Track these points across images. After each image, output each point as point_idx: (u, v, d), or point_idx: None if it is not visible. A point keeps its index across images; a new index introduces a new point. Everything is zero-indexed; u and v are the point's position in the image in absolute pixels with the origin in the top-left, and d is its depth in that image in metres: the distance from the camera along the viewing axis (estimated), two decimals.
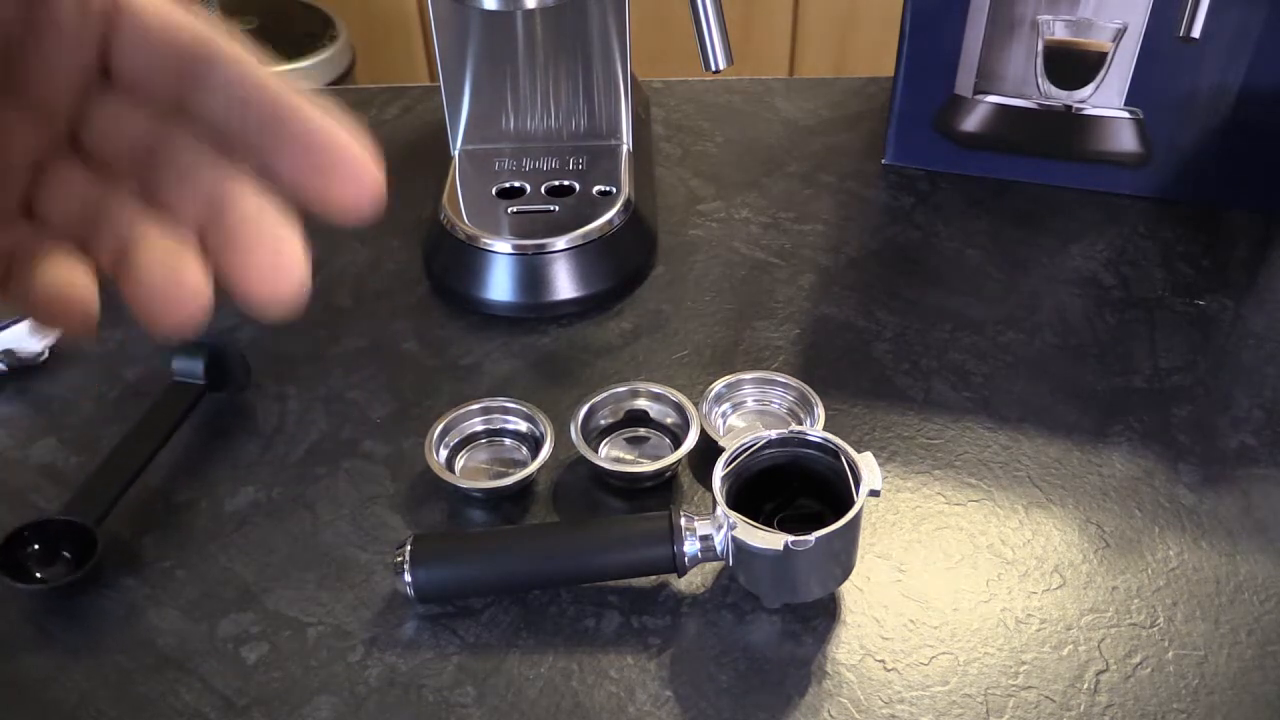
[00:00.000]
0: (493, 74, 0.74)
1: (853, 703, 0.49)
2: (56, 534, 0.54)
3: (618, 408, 0.61)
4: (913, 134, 0.80)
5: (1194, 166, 0.76)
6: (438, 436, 0.59)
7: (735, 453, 0.52)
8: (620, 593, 0.54)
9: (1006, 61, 0.76)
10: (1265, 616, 0.53)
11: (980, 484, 0.59)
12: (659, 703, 0.49)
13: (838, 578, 0.52)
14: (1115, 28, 0.72)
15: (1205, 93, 0.73)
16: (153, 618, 0.53)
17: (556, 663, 0.51)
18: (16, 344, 0.64)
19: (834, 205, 0.79)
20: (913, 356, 0.67)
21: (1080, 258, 0.74)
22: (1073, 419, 0.62)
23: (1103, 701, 0.49)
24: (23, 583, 0.53)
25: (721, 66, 0.66)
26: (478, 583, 0.53)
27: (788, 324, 0.69)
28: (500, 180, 0.74)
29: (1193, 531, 0.56)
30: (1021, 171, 0.80)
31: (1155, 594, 0.54)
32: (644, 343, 0.68)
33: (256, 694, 0.50)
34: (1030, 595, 0.54)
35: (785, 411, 0.62)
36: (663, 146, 0.85)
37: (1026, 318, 0.69)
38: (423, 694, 0.50)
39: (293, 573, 0.55)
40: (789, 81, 0.93)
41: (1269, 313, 0.69)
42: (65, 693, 0.50)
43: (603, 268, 0.70)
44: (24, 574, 0.54)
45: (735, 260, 0.74)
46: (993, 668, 0.51)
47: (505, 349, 0.67)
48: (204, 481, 0.60)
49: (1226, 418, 0.62)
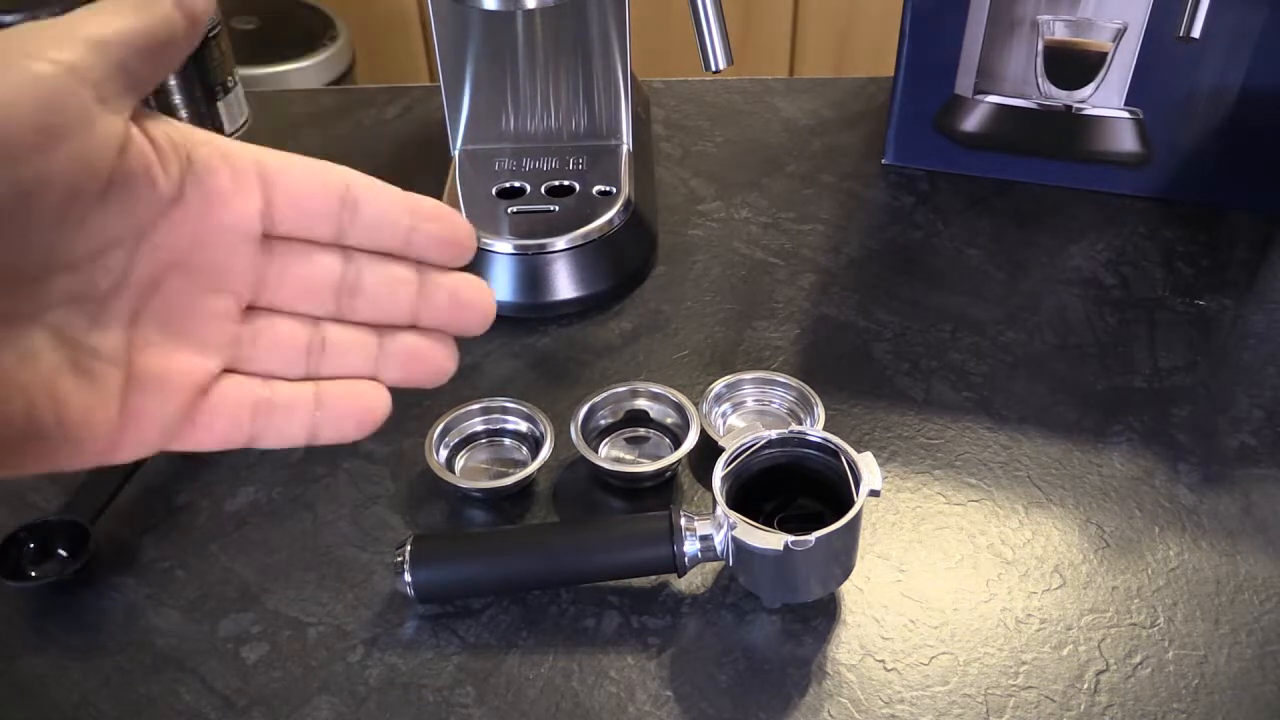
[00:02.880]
0: (493, 74, 0.74)
1: (853, 703, 0.49)
2: (53, 534, 0.55)
3: (618, 408, 0.61)
4: (913, 134, 0.80)
5: (1194, 166, 0.76)
6: (438, 436, 0.59)
7: (735, 453, 0.52)
8: (620, 593, 0.54)
9: (1006, 61, 0.76)
10: (1265, 616, 0.53)
11: (980, 484, 0.59)
12: (659, 703, 0.49)
13: (838, 578, 0.52)
14: (1115, 28, 0.72)
15: (1205, 93, 0.73)
16: (153, 618, 0.53)
17: (556, 663, 0.51)
18: None
19: (834, 205, 0.79)
20: (913, 356, 0.67)
21: (1080, 258, 0.74)
22: (1073, 419, 0.62)
23: (1103, 701, 0.49)
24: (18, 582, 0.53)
25: (721, 66, 0.66)
26: (478, 583, 0.53)
27: (788, 324, 0.69)
28: (500, 180, 0.74)
29: (1193, 531, 0.56)
30: (1021, 171, 0.80)
31: (1155, 594, 0.54)
32: (644, 343, 0.68)
33: (256, 694, 0.50)
34: (1030, 595, 0.54)
35: (785, 411, 0.62)
36: (663, 146, 0.85)
37: (1026, 318, 0.69)
38: (423, 694, 0.50)
39: (293, 573, 0.55)
40: (789, 81, 0.93)
41: (1269, 313, 0.69)
42: (65, 693, 0.50)
43: (603, 268, 0.70)
44: (20, 575, 0.54)
45: (735, 260, 0.74)
46: (993, 668, 0.51)
47: (505, 349, 0.67)
48: (204, 481, 0.60)
49: (1226, 418, 0.62)
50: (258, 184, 0.31)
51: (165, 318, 0.31)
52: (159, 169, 0.29)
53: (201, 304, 0.32)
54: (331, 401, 0.34)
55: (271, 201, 0.32)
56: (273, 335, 0.33)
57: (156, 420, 0.31)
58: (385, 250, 0.33)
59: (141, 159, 0.29)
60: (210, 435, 0.32)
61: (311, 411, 0.33)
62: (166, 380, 0.31)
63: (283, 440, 0.33)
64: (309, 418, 0.33)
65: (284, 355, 0.33)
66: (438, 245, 0.34)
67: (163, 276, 0.31)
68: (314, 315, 0.34)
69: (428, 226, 0.33)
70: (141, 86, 0.29)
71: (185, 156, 0.30)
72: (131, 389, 0.30)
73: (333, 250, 0.33)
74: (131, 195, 0.29)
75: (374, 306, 0.34)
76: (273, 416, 0.33)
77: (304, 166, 0.32)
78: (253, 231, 0.32)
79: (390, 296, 0.34)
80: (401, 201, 0.33)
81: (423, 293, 0.34)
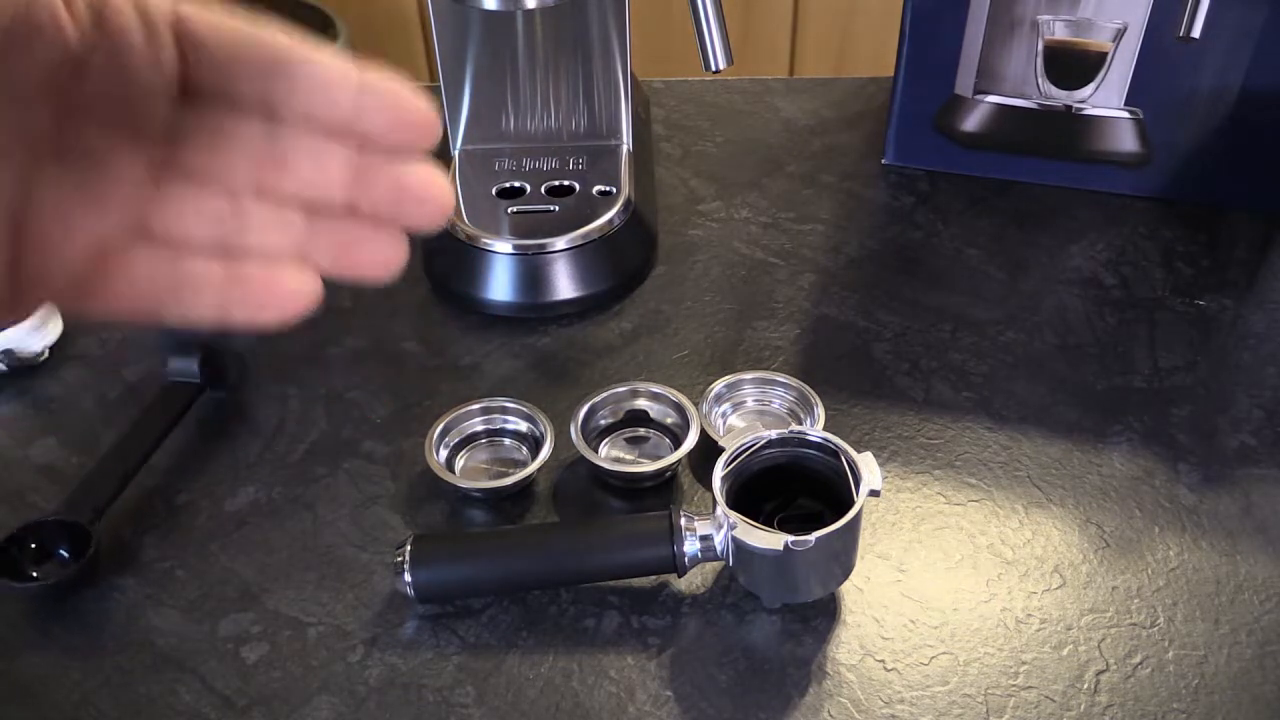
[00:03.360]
0: (493, 74, 0.74)
1: (853, 703, 0.49)
2: (53, 534, 0.55)
3: (618, 408, 0.61)
4: (913, 134, 0.80)
5: (1194, 166, 0.76)
6: (438, 436, 0.59)
7: (735, 453, 0.52)
8: (620, 593, 0.54)
9: (1006, 61, 0.76)
10: (1265, 616, 0.53)
11: (980, 484, 0.59)
12: (659, 703, 0.49)
13: (838, 578, 0.52)
14: (1115, 28, 0.72)
15: (1205, 93, 0.73)
16: (153, 618, 0.53)
17: (556, 663, 0.51)
18: (16, 344, 0.64)
19: (834, 205, 0.79)
20: (913, 356, 0.67)
21: (1080, 258, 0.74)
22: (1073, 419, 0.62)
23: (1103, 701, 0.49)
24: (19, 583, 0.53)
25: (721, 66, 0.66)
26: (478, 583, 0.53)
27: (788, 324, 0.69)
28: (500, 180, 0.74)
29: (1193, 531, 0.56)
30: (1021, 171, 0.80)
31: (1155, 594, 0.54)
32: (644, 343, 0.68)
33: (256, 694, 0.50)
34: (1030, 595, 0.54)
35: (785, 411, 0.62)
36: (663, 146, 0.85)
37: (1026, 318, 0.69)
38: (423, 694, 0.50)
39: (293, 573, 0.55)
40: (789, 81, 0.93)
41: (1269, 313, 0.69)
42: (65, 693, 0.50)
43: (603, 268, 0.70)
44: (20, 575, 0.54)
45: (735, 260, 0.74)
46: (993, 668, 0.51)
47: (505, 349, 0.67)
48: (204, 481, 0.60)
49: (1226, 418, 0.62)
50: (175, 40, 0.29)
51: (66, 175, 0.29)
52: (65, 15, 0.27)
53: (106, 161, 0.30)
54: (244, 281, 0.31)
55: (192, 60, 0.29)
56: (183, 201, 0.31)
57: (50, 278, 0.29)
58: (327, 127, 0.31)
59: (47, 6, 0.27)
60: (112, 302, 0.30)
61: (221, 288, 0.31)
62: (65, 239, 0.29)
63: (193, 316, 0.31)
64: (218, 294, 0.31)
65: (196, 224, 0.31)
66: (389, 126, 0.31)
67: (65, 133, 0.29)
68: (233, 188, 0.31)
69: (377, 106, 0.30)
70: None
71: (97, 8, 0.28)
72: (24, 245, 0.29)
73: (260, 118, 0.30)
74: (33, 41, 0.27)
75: (302, 182, 0.31)
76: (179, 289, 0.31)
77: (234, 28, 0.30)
78: (167, 91, 0.29)
79: (320, 173, 0.31)
80: (347, 76, 0.30)
81: (364, 175, 0.31)
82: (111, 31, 0.28)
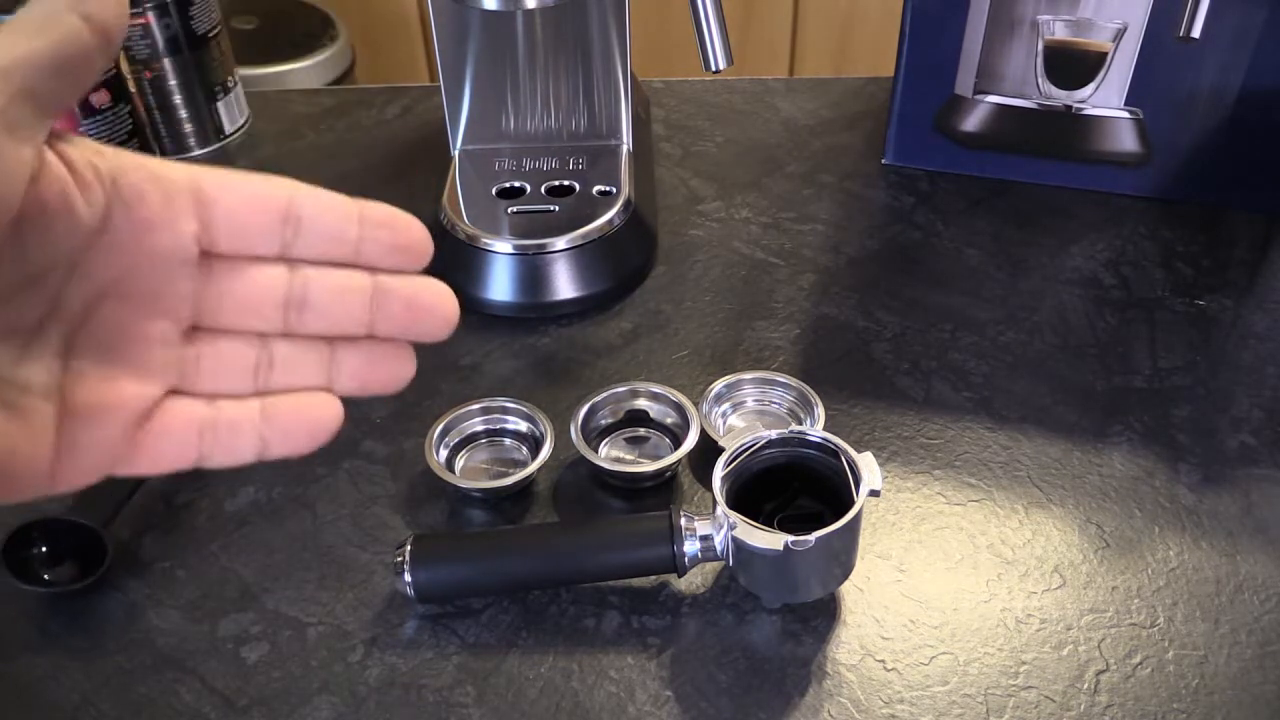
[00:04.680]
0: (493, 74, 0.74)
1: (853, 703, 0.49)
2: (63, 534, 0.54)
3: (618, 408, 0.61)
4: (913, 134, 0.80)
5: (1194, 166, 0.76)
6: (438, 436, 0.59)
7: (735, 453, 0.52)
8: (620, 593, 0.54)
9: (1006, 61, 0.76)
10: (1265, 616, 0.53)
11: (980, 484, 0.59)
12: (659, 703, 0.49)
13: (838, 578, 0.52)
14: (1115, 28, 0.72)
15: (1205, 93, 0.73)
16: (153, 618, 0.53)
17: (556, 663, 0.51)
18: None
19: (834, 205, 0.79)
20: (913, 356, 0.67)
21: (1080, 258, 0.74)
22: (1073, 419, 0.62)
23: (1103, 701, 0.49)
24: (28, 583, 0.53)
25: (721, 66, 0.66)
26: (478, 583, 0.53)
27: (788, 324, 0.69)
28: (500, 180, 0.74)
29: (1193, 531, 0.56)
30: (1021, 171, 0.80)
31: (1155, 594, 0.54)
32: (644, 343, 0.68)
33: (256, 694, 0.50)
34: (1030, 595, 0.54)
35: (785, 411, 0.62)
36: (663, 146, 0.85)
37: (1026, 318, 0.69)
38: (423, 694, 0.50)
39: (293, 573, 0.55)
40: (789, 81, 0.93)
41: (1269, 313, 0.69)
42: (65, 693, 0.50)
43: (603, 268, 0.70)
44: (29, 574, 0.53)
45: (735, 260, 0.74)
46: (993, 668, 0.51)
47: (505, 349, 0.67)
48: (204, 482, 0.60)
49: (1226, 418, 0.62)
50: (192, 206, 0.31)
51: (101, 346, 0.30)
52: (78, 196, 0.28)
53: (139, 330, 0.31)
54: (279, 416, 0.33)
55: (208, 223, 0.31)
56: (217, 355, 0.32)
57: (96, 450, 0.30)
58: (335, 262, 0.33)
59: (58, 187, 0.28)
60: (156, 460, 0.32)
61: (259, 427, 0.33)
62: (105, 410, 0.30)
63: (234, 458, 0.33)
64: (257, 434, 0.33)
65: (230, 375, 0.33)
66: (390, 253, 0.33)
67: (96, 305, 0.30)
68: (262, 331, 0.33)
69: (377, 234, 0.32)
70: (53, 108, 0.28)
71: (110, 182, 0.29)
72: (67, 422, 0.30)
73: (278, 265, 0.32)
74: (50, 225, 0.28)
75: (324, 318, 0.33)
76: (219, 435, 0.32)
77: (242, 184, 0.32)
78: (189, 254, 0.31)
79: (341, 307, 0.33)
80: (348, 211, 0.32)
81: (377, 300, 0.33)
82: (129, 200, 0.30)
